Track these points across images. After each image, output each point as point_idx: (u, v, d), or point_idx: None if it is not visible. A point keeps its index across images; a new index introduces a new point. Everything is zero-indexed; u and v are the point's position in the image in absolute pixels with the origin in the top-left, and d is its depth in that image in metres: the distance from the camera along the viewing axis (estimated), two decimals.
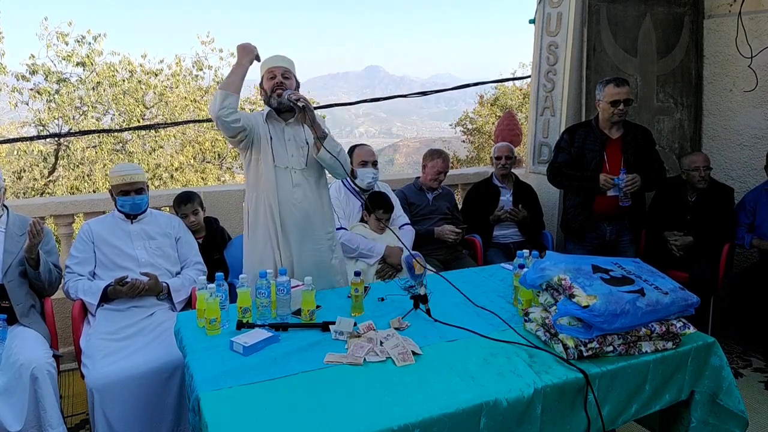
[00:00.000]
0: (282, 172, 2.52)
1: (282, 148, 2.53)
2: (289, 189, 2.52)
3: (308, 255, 2.59)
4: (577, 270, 1.93)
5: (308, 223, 2.58)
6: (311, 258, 2.60)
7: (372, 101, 6.90)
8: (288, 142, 2.55)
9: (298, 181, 2.54)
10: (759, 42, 3.94)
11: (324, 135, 2.50)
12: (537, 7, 4.21)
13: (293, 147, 2.56)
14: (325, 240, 2.66)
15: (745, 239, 3.60)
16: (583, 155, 3.35)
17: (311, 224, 2.59)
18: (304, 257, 2.58)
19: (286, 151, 2.53)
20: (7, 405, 2.22)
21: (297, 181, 2.54)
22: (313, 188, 2.60)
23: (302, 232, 2.57)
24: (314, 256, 2.61)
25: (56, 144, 11.71)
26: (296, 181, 2.54)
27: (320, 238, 2.63)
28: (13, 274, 2.53)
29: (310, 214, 2.58)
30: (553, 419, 1.71)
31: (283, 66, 2.57)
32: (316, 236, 2.61)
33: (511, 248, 3.79)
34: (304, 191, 2.56)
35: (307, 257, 2.59)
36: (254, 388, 1.66)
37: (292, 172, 2.53)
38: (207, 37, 13.03)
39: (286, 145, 2.54)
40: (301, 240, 2.57)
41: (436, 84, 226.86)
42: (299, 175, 2.55)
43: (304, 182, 2.56)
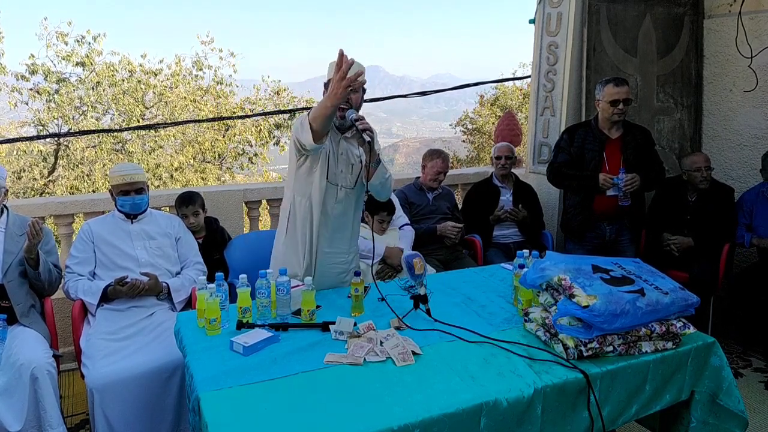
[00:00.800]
0: (330, 187, 2.46)
1: (334, 163, 2.46)
2: (332, 204, 2.47)
3: (332, 268, 2.56)
4: (577, 270, 1.93)
5: (340, 237, 2.54)
6: (333, 269, 2.57)
7: (372, 101, 6.90)
8: (341, 156, 2.48)
9: (341, 198, 2.49)
10: (759, 42, 3.94)
11: (379, 162, 2.43)
12: (537, 7, 4.21)
13: (344, 163, 2.48)
14: (349, 254, 2.62)
15: (745, 238, 3.60)
16: (583, 155, 3.36)
17: (342, 238, 2.55)
18: (326, 268, 2.55)
19: (336, 166, 2.46)
20: (7, 405, 2.22)
21: (341, 198, 2.49)
22: (353, 206, 2.56)
23: (332, 245, 2.53)
24: (336, 267, 2.58)
25: (56, 144, 11.71)
26: (340, 198, 2.49)
27: (345, 251, 2.59)
28: (13, 274, 2.53)
29: (343, 229, 2.55)
30: (554, 419, 1.71)
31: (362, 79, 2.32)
32: (342, 250, 2.58)
33: (511, 248, 3.80)
34: (344, 208, 2.51)
35: (329, 268, 2.55)
36: (254, 388, 1.66)
37: (338, 190, 2.48)
38: (207, 36, 13.04)
39: (338, 160, 2.47)
40: (329, 253, 2.53)
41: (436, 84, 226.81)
42: (343, 193, 2.49)
43: (346, 200, 2.51)
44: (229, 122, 12.99)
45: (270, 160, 15.04)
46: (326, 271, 2.54)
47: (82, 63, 11.73)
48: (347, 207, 2.52)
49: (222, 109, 13.06)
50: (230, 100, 13.50)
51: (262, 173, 14.79)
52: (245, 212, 4.09)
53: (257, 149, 13.75)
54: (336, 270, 2.57)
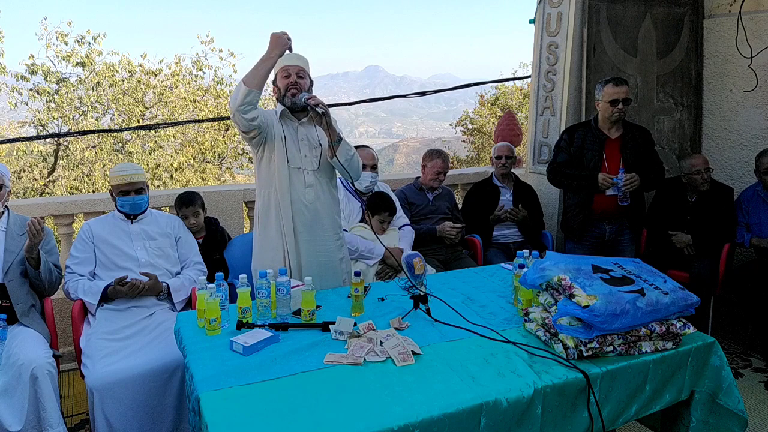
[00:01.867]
0: (295, 172, 2.50)
1: (295, 148, 2.51)
2: (302, 189, 2.51)
3: (316, 255, 2.59)
4: (577, 270, 1.93)
5: (318, 223, 2.58)
6: (319, 258, 2.59)
7: (372, 101, 6.91)
8: (301, 141, 2.54)
9: (310, 181, 2.53)
10: (759, 42, 3.94)
11: (339, 139, 2.47)
12: (537, 7, 4.21)
13: (306, 147, 2.54)
14: (334, 240, 2.65)
15: (745, 238, 3.60)
16: (583, 155, 3.36)
17: (321, 225, 2.59)
18: (312, 257, 2.57)
19: (299, 151, 2.52)
20: (7, 405, 2.22)
21: (310, 181, 2.53)
22: (325, 189, 2.60)
23: (312, 232, 2.56)
24: (322, 255, 2.60)
25: (56, 144, 11.71)
26: (309, 182, 2.53)
27: (329, 239, 2.62)
28: (13, 274, 2.53)
29: (320, 215, 2.58)
30: (554, 419, 1.71)
31: (298, 65, 2.55)
32: (325, 236, 2.60)
33: (511, 248, 3.80)
34: (316, 192, 2.55)
35: (315, 257, 2.58)
36: (254, 388, 1.66)
37: (305, 173, 2.52)
38: (207, 37, 13.04)
39: (299, 145, 2.53)
40: (310, 240, 2.56)
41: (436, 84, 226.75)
42: (312, 176, 2.54)
43: (316, 183, 2.55)
44: (229, 122, 12.98)
45: None
46: (313, 260, 2.56)
47: (82, 63, 11.73)
48: (319, 191, 2.55)
49: (222, 109, 13.06)
50: None
51: None
52: (245, 212, 4.09)
53: None
54: (322, 259, 2.58)
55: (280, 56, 2.39)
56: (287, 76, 2.53)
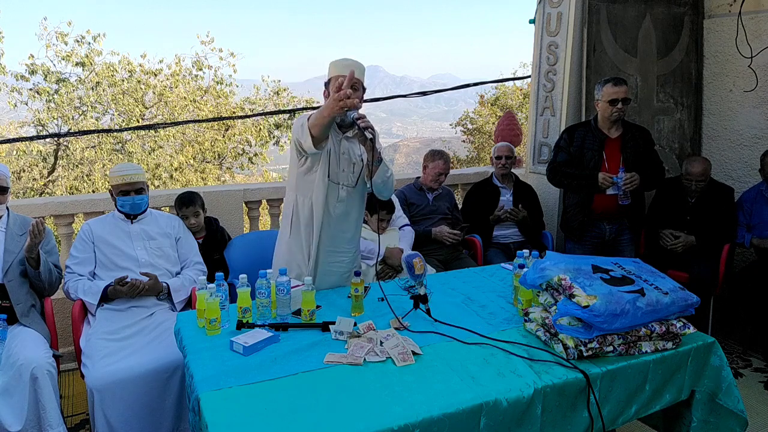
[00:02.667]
0: (331, 186, 2.46)
1: (336, 162, 2.46)
2: (333, 203, 2.48)
3: (331, 265, 2.56)
4: (577, 270, 1.93)
5: (341, 236, 2.55)
6: (333, 268, 2.57)
7: (372, 101, 6.90)
8: (342, 155, 2.48)
9: (343, 197, 2.50)
10: (759, 42, 3.94)
11: (380, 160, 2.42)
12: (537, 7, 4.21)
13: (346, 162, 2.49)
14: (351, 253, 2.63)
15: (745, 238, 3.60)
16: (583, 155, 3.36)
17: (343, 238, 2.56)
18: (326, 266, 2.55)
19: (338, 166, 2.47)
20: (7, 405, 2.22)
21: (342, 197, 2.49)
22: (355, 205, 2.57)
23: (333, 244, 2.53)
24: (337, 266, 2.58)
25: (55, 144, 11.71)
26: (341, 197, 2.49)
27: (345, 251, 2.60)
28: (13, 274, 2.53)
29: (344, 229, 2.55)
30: (554, 419, 1.71)
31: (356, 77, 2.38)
32: (343, 248, 2.58)
33: (511, 248, 3.80)
34: (345, 207, 2.52)
35: (328, 266, 2.56)
36: (254, 388, 1.66)
37: (340, 189, 2.48)
38: (207, 36, 13.04)
39: (339, 159, 2.47)
40: (328, 251, 2.54)
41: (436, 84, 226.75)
42: (345, 192, 2.50)
43: (347, 199, 2.52)
44: (229, 122, 12.99)
45: (270, 160, 15.04)
46: (329, 271, 2.55)
47: (82, 63, 11.73)
48: (349, 206, 2.53)
49: (222, 109, 13.07)
50: (230, 100, 13.50)
51: (262, 173, 14.80)
52: (245, 212, 4.09)
53: (257, 149, 13.75)
54: (338, 269, 2.57)
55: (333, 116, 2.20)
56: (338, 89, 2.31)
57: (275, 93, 14.13)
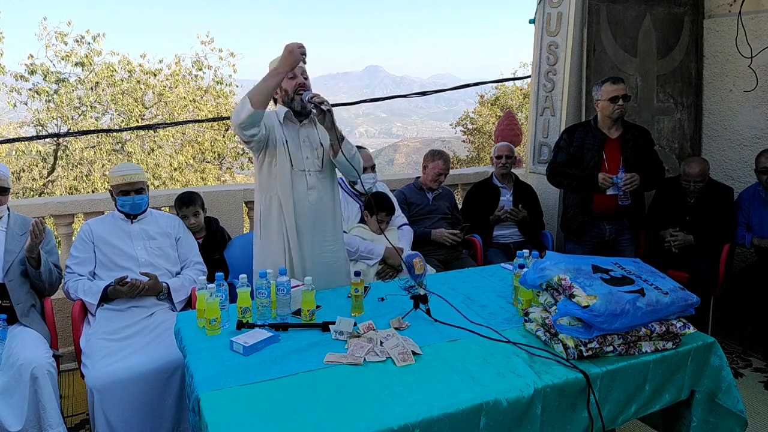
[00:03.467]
0: (298, 174, 2.48)
1: (297, 150, 2.49)
2: (305, 191, 2.49)
3: (321, 255, 2.57)
4: (577, 270, 1.93)
5: (322, 224, 2.56)
6: (324, 258, 2.58)
7: (372, 101, 6.91)
8: (303, 143, 2.51)
9: (312, 183, 2.51)
10: (759, 42, 3.94)
11: (342, 138, 2.45)
12: (537, 7, 4.21)
13: (308, 149, 2.51)
14: (336, 240, 2.64)
15: (746, 238, 3.60)
16: (583, 155, 3.37)
17: (324, 226, 2.57)
18: (317, 258, 2.56)
19: (301, 154, 2.49)
20: (7, 405, 2.22)
21: (312, 183, 2.51)
22: (328, 190, 2.58)
23: (315, 233, 2.55)
24: (326, 256, 2.59)
25: (55, 144, 11.71)
26: (311, 184, 2.51)
27: (332, 239, 2.61)
28: (14, 274, 2.53)
29: (323, 216, 2.56)
30: (554, 419, 1.71)
31: (301, 65, 2.46)
32: (328, 237, 2.59)
33: (511, 248, 3.80)
34: (318, 193, 2.53)
35: (319, 257, 2.57)
36: (254, 388, 1.66)
37: (307, 175, 2.50)
38: (207, 36, 13.05)
39: (301, 147, 2.50)
40: (314, 242, 2.55)
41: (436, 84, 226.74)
42: (314, 178, 2.51)
43: (318, 184, 2.53)
44: (228, 122, 12.97)
45: None
46: (317, 261, 2.56)
47: (82, 63, 11.73)
48: (322, 192, 2.54)
49: (222, 109, 13.07)
50: (230, 100, 13.51)
51: None
52: (245, 212, 4.09)
53: None
54: (327, 259, 2.57)
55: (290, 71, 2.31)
56: (293, 77, 2.46)
57: None
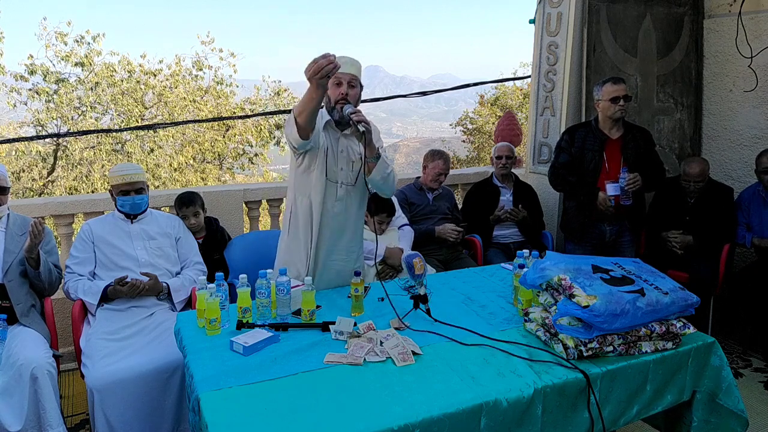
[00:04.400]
0: (330, 185, 2.43)
1: (334, 160, 2.44)
2: (332, 201, 2.45)
3: (332, 267, 2.54)
4: (577, 270, 1.93)
5: (341, 235, 2.52)
6: (335, 270, 2.55)
7: (372, 101, 6.90)
8: (340, 153, 2.45)
9: (341, 195, 2.46)
10: (759, 42, 3.94)
11: (378, 156, 2.37)
12: (537, 7, 4.21)
13: (344, 160, 2.46)
14: (353, 252, 2.60)
15: (746, 238, 3.60)
16: (583, 155, 3.36)
17: (343, 237, 2.53)
18: (328, 269, 2.54)
19: (336, 164, 2.44)
20: (7, 405, 2.22)
21: (341, 195, 2.46)
22: (354, 204, 2.53)
23: (333, 244, 2.51)
24: (338, 269, 2.56)
25: (55, 144, 11.71)
26: (340, 196, 2.46)
27: (349, 250, 2.57)
28: (13, 274, 2.53)
29: (345, 228, 2.52)
30: (554, 420, 1.71)
31: (351, 72, 2.36)
32: (344, 248, 2.56)
33: (511, 248, 3.80)
34: (345, 206, 2.49)
35: (330, 269, 2.54)
36: (254, 388, 1.66)
37: (338, 187, 2.45)
38: (207, 37, 13.04)
39: (337, 157, 2.44)
40: (330, 252, 2.52)
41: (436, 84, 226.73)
42: (344, 190, 2.46)
43: (347, 198, 2.48)
44: (229, 122, 12.99)
45: (270, 161, 15.05)
46: (329, 271, 2.53)
47: (81, 63, 11.73)
48: (348, 205, 2.50)
49: (222, 110, 13.07)
50: (230, 100, 13.51)
51: (262, 173, 14.80)
52: (245, 212, 4.09)
53: (258, 149, 13.76)
54: (337, 267, 2.55)
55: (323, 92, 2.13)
56: (339, 84, 2.35)
57: (276, 93, 14.13)
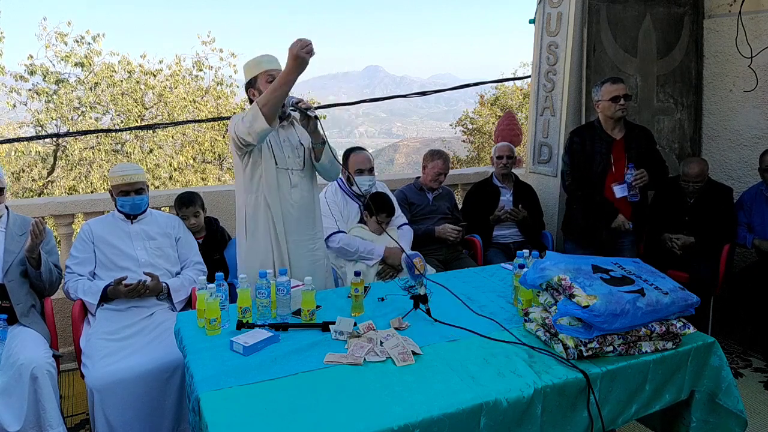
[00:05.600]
0: (282, 173, 2.54)
1: (280, 149, 2.56)
2: (288, 189, 2.55)
3: (305, 255, 2.63)
4: (577, 270, 1.93)
5: (305, 223, 2.63)
6: (308, 258, 2.65)
7: (372, 101, 6.91)
8: (284, 143, 2.58)
9: (296, 182, 2.58)
10: (759, 42, 3.94)
11: (323, 142, 2.54)
12: (537, 7, 4.21)
13: (289, 149, 2.58)
14: (317, 239, 2.71)
15: (747, 239, 3.60)
16: (593, 158, 3.37)
17: (307, 224, 2.64)
18: (302, 257, 2.62)
19: (282, 152, 2.56)
20: (7, 405, 2.22)
21: (295, 182, 2.58)
22: (309, 189, 2.65)
23: (300, 232, 2.61)
24: (310, 255, 2.66)
25: (54, 145, 11.71)
26: (294, 182, 2.58)
27: (313, 238, 2.68)
28: (13, 274, 2.53)
29: (306, 215, 2.63)
30: (554, 419, 1.71)
31: (280, 68, 2.47)
32: (310, 236, 2.66)
33: (511, 248, 3.79)
34: (301, 192, 2.60)
35: (304, 256, 2.63)
36: (254, 388, 1.66)
37: (290, 173, 2.56)
38: (207, 37, 13.04)
39: (282, 147, 2.57)
40: (299, 240, 2.61)
41: (436, 84, 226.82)
42: (296, 176, 2.59)
43: (301, 183, 2.60)
44: (228, 122, 12.97)
45: None
46: (300, 258, 2.61)
47: (81, 63, 11.73)
48: (304, 190, 2.61)
49: (222, 110, 13.06)
50: (230, 100, 13.51)
51: None
52: None
53: None
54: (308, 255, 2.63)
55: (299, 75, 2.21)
56: (271, 81, 2.41)
57: None
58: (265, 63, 2.52)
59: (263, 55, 2.54)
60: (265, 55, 2.56)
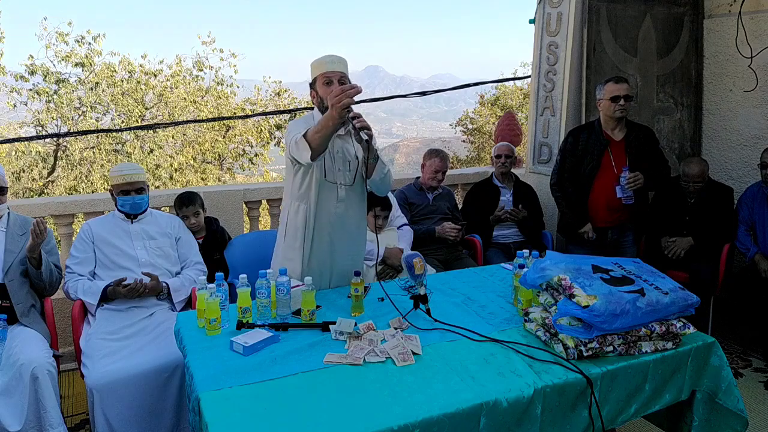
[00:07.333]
0: (329, 186, 2.41)
1: (331, 162, 2.41)
2: (333, 203, 2.43)
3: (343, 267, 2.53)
4: (577, 270, 1.93)
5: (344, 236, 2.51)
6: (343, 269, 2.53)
7: (372, 101, 6.90)
8: (336, 155, 2.42)
9: (342, 196, 2.44)
10: (759, 42, 3.94)
11: (377, 158, 2.37)
12: (537, 7, 4.21)
13: (341, 161, 2.43)
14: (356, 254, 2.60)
15: (750, 251, 3.52)
16: (583, 158, 3.36)
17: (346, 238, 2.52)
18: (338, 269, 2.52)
19: (334, 165, 2.41)
20: (7, 405, 2.22)
21: (341, 196, 2.44)
22: (355, 204, 2.51)
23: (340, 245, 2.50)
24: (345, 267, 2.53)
25: (55, 145, 11.71)
26: (341, 197, 2.44)
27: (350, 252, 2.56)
28: (14, 274, 2.53)
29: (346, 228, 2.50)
30: (553, 419, 1.71)
31: (339, 70, 2.35)
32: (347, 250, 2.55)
33: (511, 248, 3.79)
34: (346, 207, 2.47)
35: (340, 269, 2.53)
36: (254, 388, 1.66)
37: (338, 188, 2.43)
38: (208, 37, 13.06)
39: (334, 159, 2.42)
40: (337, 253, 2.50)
41: (436, 84, 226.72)
42: (344, 191, 2.44)
43: (347, 198, 2.46)
44: (229, 123, 12.99)
45: (271, 161, 15.05)
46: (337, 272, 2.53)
47: (82, 63, 11.74)
48: (349, 206, 2.49)
49: (222, 110, 13.08)
50: (231, 100, 13.52)
51: (262, 173, 14.81)
52: (245, 212, 4.09)
53: (258, 150, 13.76)
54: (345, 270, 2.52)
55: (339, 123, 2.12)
56: (329, 83, 2.33)
57: (276, 94, 14.14)
58: (326, 64, 2.36)
59: (328, 55, 2.38)
60: (330, 55, 2.39)
